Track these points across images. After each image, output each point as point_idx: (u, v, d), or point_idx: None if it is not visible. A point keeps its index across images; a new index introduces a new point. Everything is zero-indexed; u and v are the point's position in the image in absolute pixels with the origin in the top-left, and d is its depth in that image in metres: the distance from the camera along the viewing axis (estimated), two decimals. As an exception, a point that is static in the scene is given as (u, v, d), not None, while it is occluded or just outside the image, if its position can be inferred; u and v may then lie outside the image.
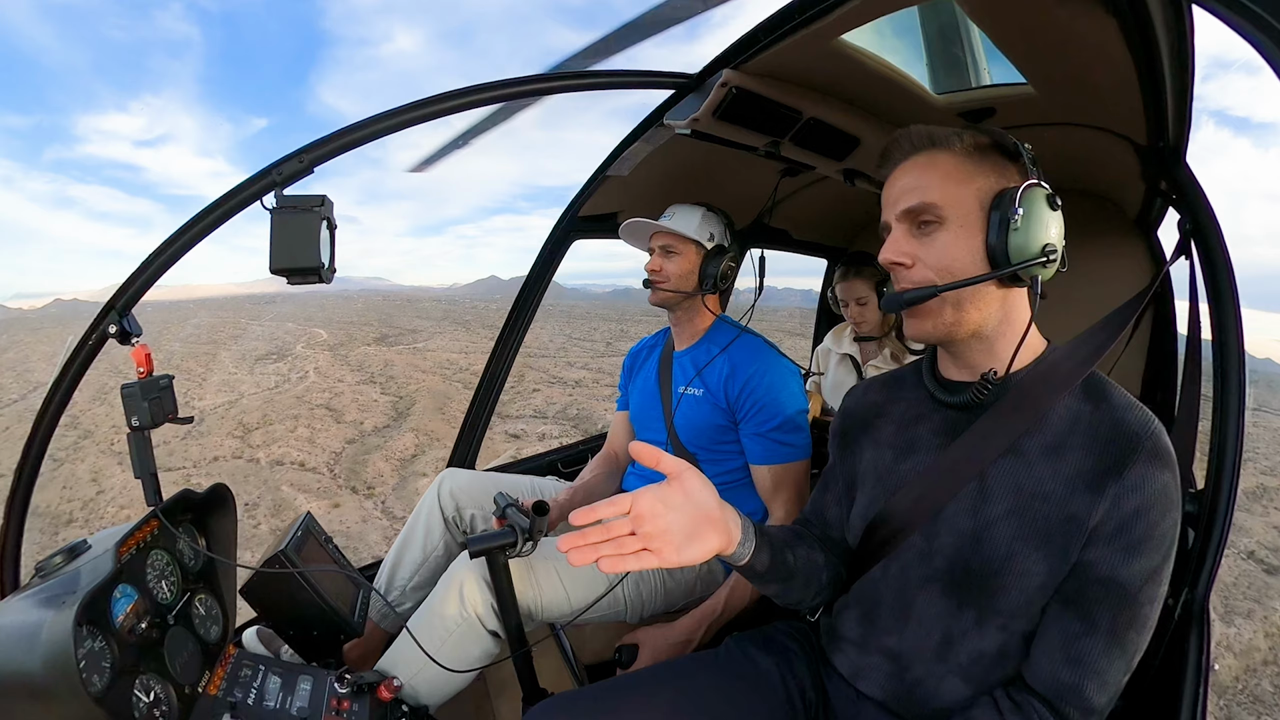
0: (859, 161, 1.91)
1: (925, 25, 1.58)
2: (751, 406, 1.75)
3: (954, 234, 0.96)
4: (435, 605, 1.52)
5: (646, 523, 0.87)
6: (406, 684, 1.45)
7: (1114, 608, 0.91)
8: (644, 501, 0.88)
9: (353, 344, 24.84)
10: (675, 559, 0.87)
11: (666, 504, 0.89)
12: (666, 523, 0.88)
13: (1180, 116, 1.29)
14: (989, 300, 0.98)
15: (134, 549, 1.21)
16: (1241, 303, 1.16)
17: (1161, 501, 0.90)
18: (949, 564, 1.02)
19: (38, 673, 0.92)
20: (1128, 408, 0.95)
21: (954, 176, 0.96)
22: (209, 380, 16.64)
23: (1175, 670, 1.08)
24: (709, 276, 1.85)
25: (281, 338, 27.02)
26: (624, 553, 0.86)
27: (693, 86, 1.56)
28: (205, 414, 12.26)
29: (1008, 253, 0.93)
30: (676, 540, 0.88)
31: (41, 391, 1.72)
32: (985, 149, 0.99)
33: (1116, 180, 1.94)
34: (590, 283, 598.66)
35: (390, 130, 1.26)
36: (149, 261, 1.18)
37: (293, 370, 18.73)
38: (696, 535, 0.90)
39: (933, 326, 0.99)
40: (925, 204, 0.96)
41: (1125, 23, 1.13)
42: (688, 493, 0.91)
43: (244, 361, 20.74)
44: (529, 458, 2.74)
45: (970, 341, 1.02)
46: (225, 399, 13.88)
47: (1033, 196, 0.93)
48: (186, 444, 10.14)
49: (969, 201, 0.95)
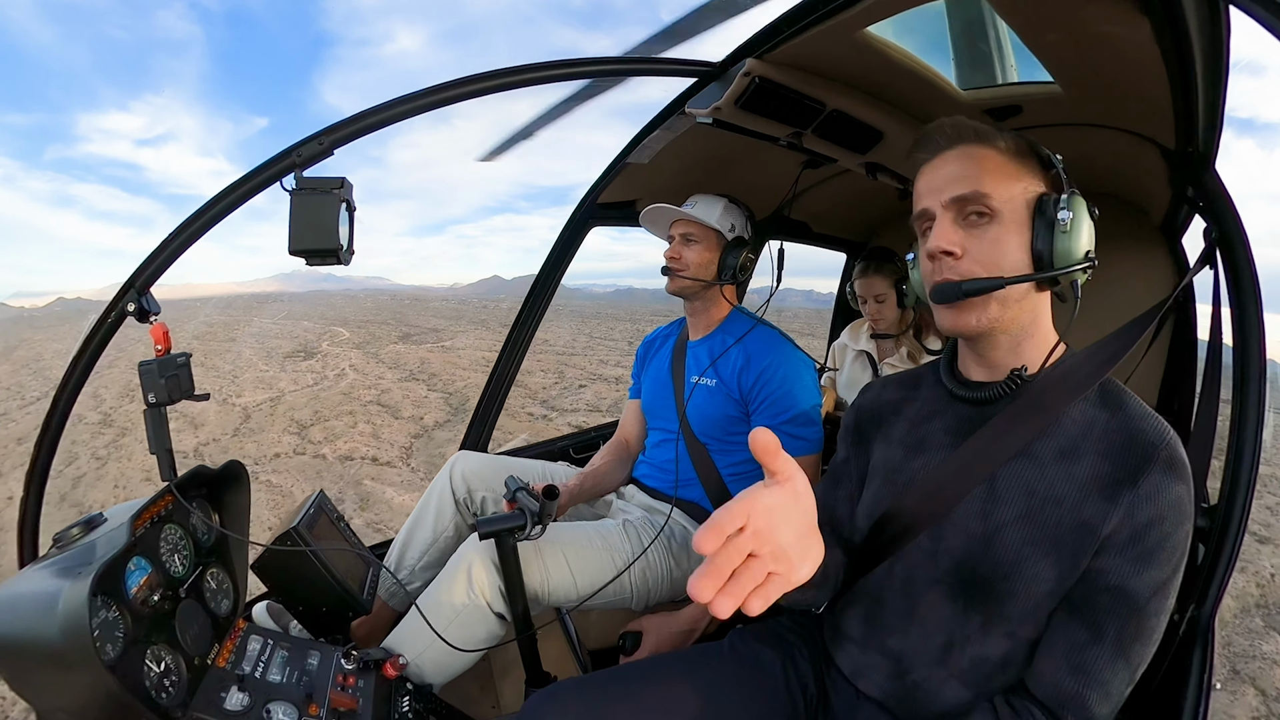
0: (882, 155, 1.89)
1: (952, 20, 1.55)
2: (765, 398, 1.75)
3: (1004, 229, 0.95)
4: (443, 585, 1.54)
5: (766, 542, 0.67)
6: (412, 662, 1.47)
7: (1121, 618, 0.90)
8: (759, 515, 0.67)
9: (378, 342, 25.01)
10: (794, 578, 0.71)
11: (780, 515, 0.70)
12: (781, 537, 0.69)
13: (1211, 122, 1.25)
14: (1026, 301, 0.99)
15: (149, 523, 1.23)
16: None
17: (1175, 513, 0.89)
18: (956, 566, 1.01)
19: (54, 640, 0.94)
20: (1144, 417, 0.94)
21: (1004, 172, 0.97)
22: (242, 377, 16.84)
23: (1177, 686, 1.07)
24: (728, 267, 1.85)
25: (301, 336, 27.25)
26: (743, 584, 0.65)
27: (715, 75, 1.54)
28: (250, 411, 12.45)
29: (1054, 255, 0.94)
30: (793, 555, 0.70)
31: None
32: (1024, 153, 0.99)
33: (1142, 185, 1.90)
34: (592, 283, 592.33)
35: (411, 114, 1.26)
36: (169, 240, 1.18)
37: (327, 368, 18.87)
38: (807, 545, 0.74)
39: (976, 320, 0.98)
40: (979, 193, 0.95)
41: (1158, 23, 1.10)
42: (797, 496, 0.72)
43: (272, 359, 20.91)
44: (541, 443, 2.76)
45: (1001, 339, 1.02)
46: (265, 396, 14.06)
47: (1077, 203, 0.94)
48: (241, 441, 10.30)
49: (1018, 199, 0.96)
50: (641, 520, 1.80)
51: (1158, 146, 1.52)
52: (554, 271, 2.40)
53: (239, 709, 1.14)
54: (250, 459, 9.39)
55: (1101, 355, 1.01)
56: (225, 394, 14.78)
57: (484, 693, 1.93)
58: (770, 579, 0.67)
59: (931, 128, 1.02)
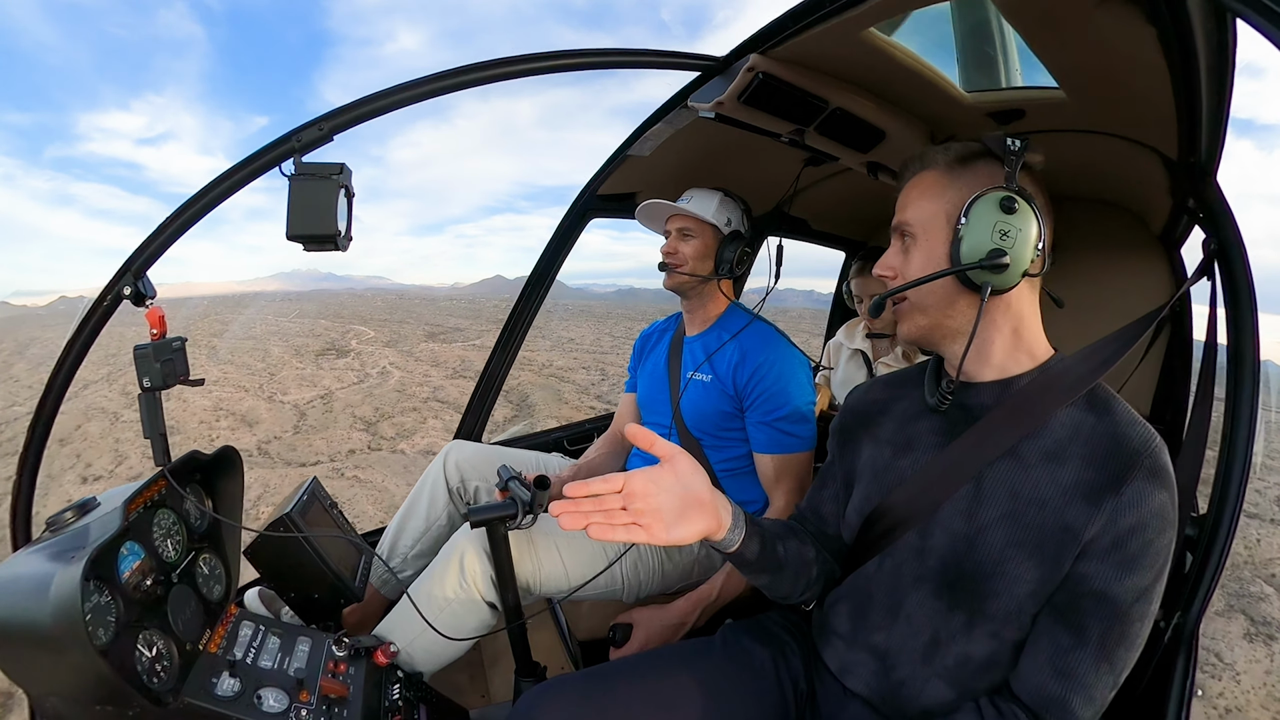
0: (883, 155, 1.88)
1: (958, 22, 1.55)
2: (759, 395, 1.75)
3: (921, 247, 1.04)
4: (435, 574, 1.54)
5: (638, 500, 0.92)
6: (403, 650, 1.47)
7: (1105, 623, 0.92)
8: (636, 481, 0.93)
9: (407, 341, 24.96)
10: (664, 537, 0.93)
11: (658, 485, 0.95)
12: (657, 502, 0.94)
13: (1214, 133, 1.25)
14: (959, 306, 1.02)
15: (141, 508, 1.23)
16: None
17: (1157, 520, 0.90)
18: (942, 564, 1.03)
19: (46, 624, 0.94)
20: (1130, 423, 0.95)
21: (929, 193, 1.04)
22: (279, 375, 16.82)
23: (1160, 692, 1.08)
24: (724, 262, 1.85)
25: (324, 334, 27.19)
26: (614, 524, 0.90)
27: (719, 69, 1.54)
28: (303, 408, 12.50)
29: (960, 258, 0.97)
30: (666, 519, 0.94)
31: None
32: (972, 158, 1.03)
33: (1142, 193, 1.90)
34: (592, 282, 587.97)
35: (412, 100, 1.25)
36: (166, 224, 1.17)
37: (365, 366, 18.85)
38: (685, 516, 0.95)
39: (907, 329, 1.09)
40: (901, 222, 1.07)
41: (1164, 32, 1.10)
42: (679, 475, 0.96)
43: (303, 356, 20.87)
44: (535, 434, 2.76)
45: (952, 346, 1.06)
46: (313, 393, 14.10)
47: (982, 203, 0.97)
48: (307, 438, 10.30)
49: (937, 216, 1.02)
50: None
51: (1159, 155, 1.52)
52: (552, 262, 2.40)
53: (230, 694, 1.15)
54: (325, 456, 9.40)
55: (1092, 361, 1.01)
56: (270, 391, 14.78)
57: (474, 682, 1.95)
58: (631, 526, 0.91)
59: (901, 165, 1.13)
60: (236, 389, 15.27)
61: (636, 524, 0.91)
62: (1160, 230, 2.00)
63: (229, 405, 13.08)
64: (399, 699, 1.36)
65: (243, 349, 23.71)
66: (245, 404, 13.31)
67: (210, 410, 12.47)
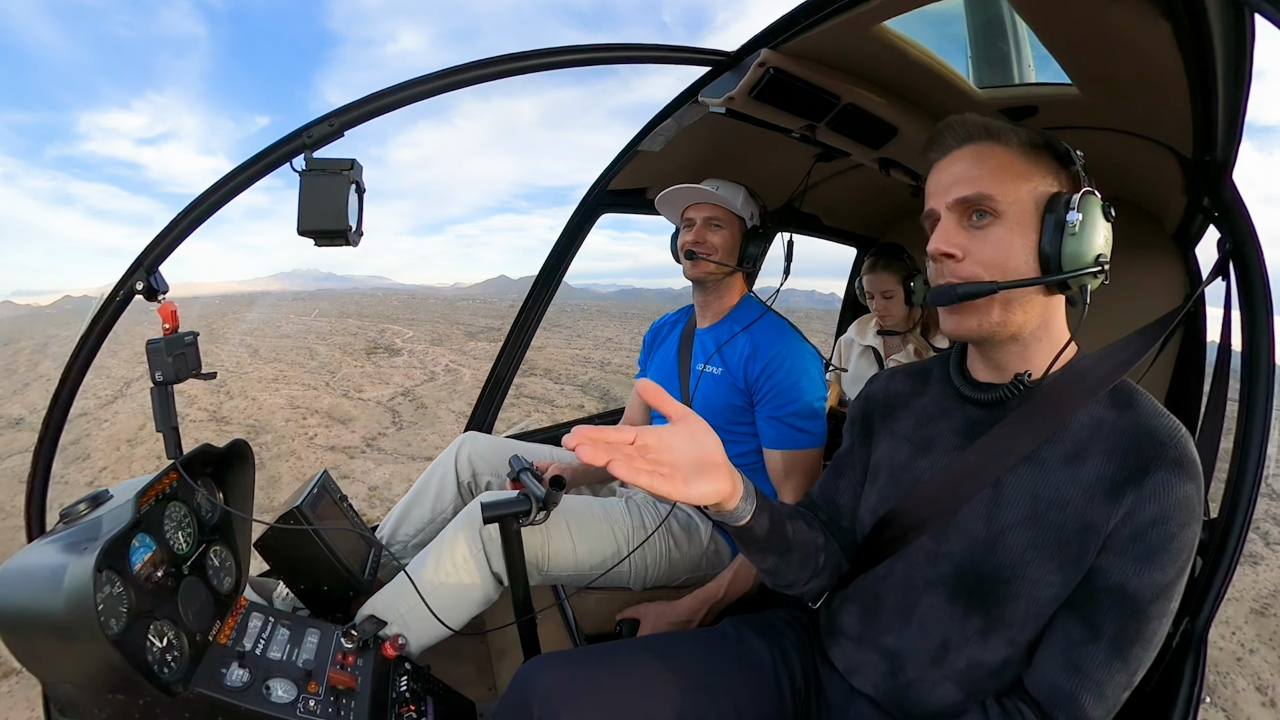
0: (895, 151, 1.88)
1: (971, 17, 1.54)
2: (770, 389, 1.74)
3: (1009, 231, 0.93)
4: (440, 550, 1.54)
5: (653, 452, 0.83)
6: (400, 625, 1.47)
7: (1120, 618, 0.89)
8: (649, 435, 0.83)
9: (453, 340, 24.99)
10: (684, 490, 0.83)
11: (671, 441, 0.86)
12: (674, 457, 0.85)
13: (1230, 131, 1.23)
14: (1034, 304, 0.96)
15: (153, 500, 1.24)
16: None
17: (1181, 513, 0.87)
18: (958, 569, 1.00)
19: (59, 613, 0.96)
20: (1155, 415, 0.93)
21: (1011, 171, 0.94)
22: (340, 374, 16.94)
23: (1166, 699, 1.07)
24: (749, 256, 1.85)
25: (360, 333, 27.16)
26: (636, 466, 0.79)
27: (729, 65, 1.53)
28: (388, 405, 12.61)
29: (1061, 258, 0.91)
30: (684, 472, 0.84)
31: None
32: (1039, 149, 0.96)
33: (1157, 192, 1.88)
34: (594, 282, 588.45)
35: (422, 96, 1.25)
36: (178, 220, 1.18)
37: (426, 364, 18.92)
38: (704, 473, 0.87)
39: (978, 324, 0.96)
40: (982, 194, 0.93)
41: (1180, 28, 1.08)
42: (693, 434, 0.88)
43: (354, 355, 20.95)
44: (547, 427, 2.77)
45: (1007, 344, 1.00)
46: (388, 391, 14.22)
47: (1090, 204, 0.90)
48: (419, 433, 10.36)
49: (1026, 199, 0.93)
50: (645, 499, 1.81)
51: (1174, 154, 1.50)
52: (563, 257, 2.41)
53: (239, 685, 1.16)
54: (435, 448, 9.41)
55: (1112, 361, 0.99)
56: (342, 389, 14.88)
57: (481, 675, 1.96)
58: (654, 475, 0.79)
59: (942, 126, 1.00)
60: (304, 387, 15.28)
61: (657, 472, 0.81)
62: (1174, 229, 1.98)
63: (305, 403, 13.11)
64: (407, 691, 1.36)
65: (283, 347, 23.79)
66: (323, 402, 13.29)
67: (285, 408, 12.53)
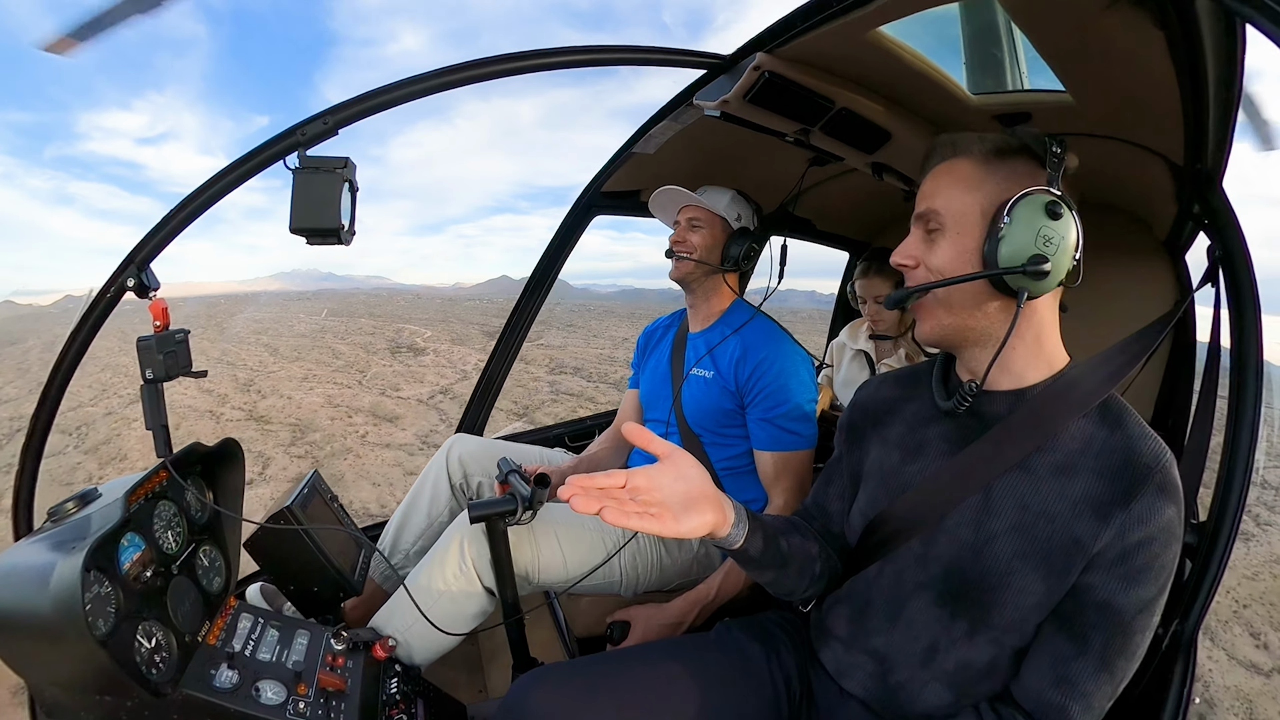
0: (889, 156, 1.88)
1: (966, 24, 1.54)
2: (760, 391, 1.74)
3: (950, 239, 0.98)
4: (434, 562, 1.54)
5: (643, 494, 0.91)
6: (400, 640, 1.47)
7: (1107, 633, 0.92)
8: (638, 477, 0.92)
9: (474, 340, 24.85)
10: (674, 527, 0.90)
11: (660, 479, 0.93)
12: (662, 495, 0.92)
13: (1221, 140, 1.25)
14: (988, 308, 0.98)
15: (143, 499, 1.23)
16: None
17: (1165, 535, 0.90)
18: (945, 573, 1.02)
19: (46, 613, 0.95)
20: (1142, 437, 0.94)
21: (963, 183, 0.98)
22: (370, 373, 16.89)
23: (1156, 700, 1.08)
24: (731, 256, 1.86)
25: (376, 333, 26.85)
26: (626, 510, 0.86)
27: (725, 68, 1.53)
28: (429, 403, 12.56)
29: (997, 259, 0.93)
30: (674, 510, 0.91)
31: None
32: (1009, 153, 0.98)
33: (1147, 199, 1.89)
34: (594, 282, 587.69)
35: (416, 95, 1.25)
36: (170, 217, 1.18)
37: (455, 363, 18.82)
38: (693, 508, 0.93)
39: (929, 328, 1.03)
40: (930, 209, 1.00)
41: (1173, 38, 1.09)
42: (680, 472, 0.95)
43: (378, 354, 20.84)
44: (537, 429, 2.77)
45: (973, 348, 1.03)
46: (426, 389, 14.14)
47: (1027, 204, 0.92)
48: None
49: (971, 208, 0.97)
50: None
51: (1166, 161, 1.51)
52: (556, 258, 2.41)
53: (228, 686, 1.15)
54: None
55: (1103, 371, 1.00)
56: (379, 387, 14.93)
57: (471, 677, 1.95)
58: (644, 516, 0.87)
59: (928, 149, 1.06)
60: (338, 386, 15.26)
61: (647, 513, 0.88)
62: (1165, 236, 1.99)
63: (344, 402, 13.00)
64: (397, 693, 1.36)
65: (303, 346, 23.64)
66: (363, 400, 13.27)
67: (325, 407, 12.46)
